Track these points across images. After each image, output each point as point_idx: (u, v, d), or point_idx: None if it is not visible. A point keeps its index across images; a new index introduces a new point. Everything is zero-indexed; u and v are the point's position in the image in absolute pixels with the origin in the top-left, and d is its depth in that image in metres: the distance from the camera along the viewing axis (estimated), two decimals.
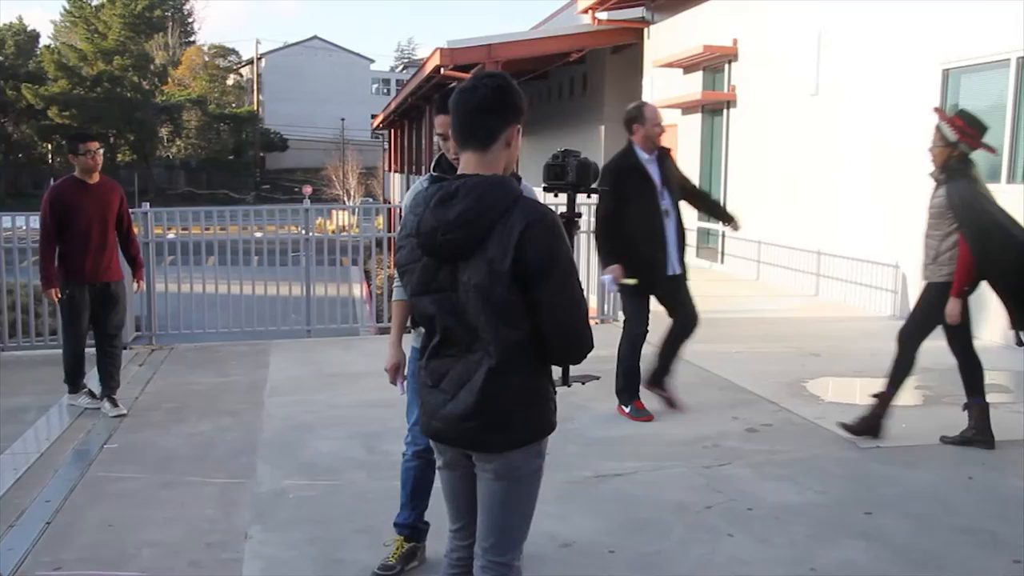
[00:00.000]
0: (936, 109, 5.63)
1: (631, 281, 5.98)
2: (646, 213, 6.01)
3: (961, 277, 5.33)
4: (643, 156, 6.05)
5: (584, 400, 6.48)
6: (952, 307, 5.38)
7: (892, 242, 10.39)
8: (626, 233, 6.02)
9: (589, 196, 3.69)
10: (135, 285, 6.85)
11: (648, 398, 6.31)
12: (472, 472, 2.67)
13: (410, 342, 3.75)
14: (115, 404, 6.45)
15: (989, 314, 8.69)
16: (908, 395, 6.96)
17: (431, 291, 2.53)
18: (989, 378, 7.58)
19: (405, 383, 3.76)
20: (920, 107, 9.89)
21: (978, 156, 10.00)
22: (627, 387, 6.29)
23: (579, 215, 3.04)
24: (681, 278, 6.24)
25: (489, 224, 2.41)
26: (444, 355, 2.58)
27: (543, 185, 3.84)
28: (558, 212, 2.72)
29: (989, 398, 5.72)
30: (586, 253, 9.82)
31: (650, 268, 6.03)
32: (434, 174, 3.49)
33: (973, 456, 5.44)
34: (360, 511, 4.62)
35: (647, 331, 6.24)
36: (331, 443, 5.72)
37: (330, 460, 5.41)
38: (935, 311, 5.47)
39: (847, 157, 11.42)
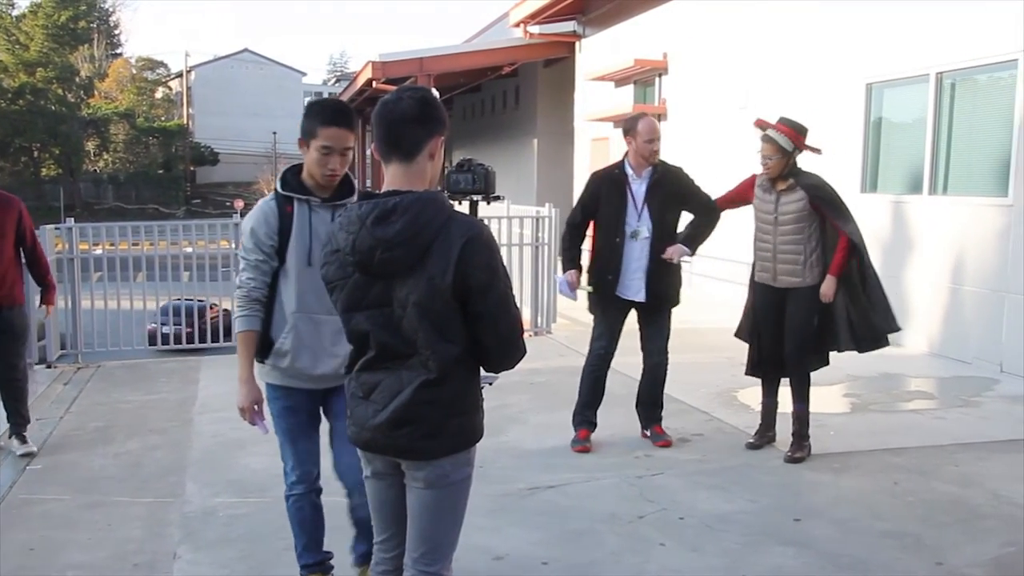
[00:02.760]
0: (758, 121, 5.60)
1: (587, 288, 5.85)
2: (608, 230, 5.74)
3: (846, 255, 5.41)
4: (629, 171, 5.78)
5: (518, 412, 6.49)
6: (829, 285, 5.43)
7: None
8: (592, 244, 5.86)
9: (489, 203, 3.67)
10: (44, 309, 6.31)
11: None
12: (401, 482, 2.67)
13: (263, 377, 3.56)
14: (23, 441, 5.91)
15: (913, 322, 8.93)
16: (837, 403, 7.10)
17: (363, 307, 2.53)
18: (914, 385, 7.80)
19: (267, 422, 3.53)
20: (845, 120, 10.14)
21: (898, 168, 10.32)
22: (578, 407, 6.01)
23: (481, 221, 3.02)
24: (647, 307, 5.82)
25: (428, 241, 2.42)
26: (378, 368, 2.57)
27: (446, 193, 3.73)
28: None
29: (915, 405, 5.87)
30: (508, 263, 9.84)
31: (599, 286, 5.80)
32: (282, 192, 3.48)
33: (899, 462, 5.56)
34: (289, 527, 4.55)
35: (607, 350, 5.89)
36: (261, 459, 5.63)
37: (261, 477, 5.33)
38: (812, 315, 5.53)
39: None
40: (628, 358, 6.22)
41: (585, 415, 5.94)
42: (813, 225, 5.46)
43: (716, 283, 12.78)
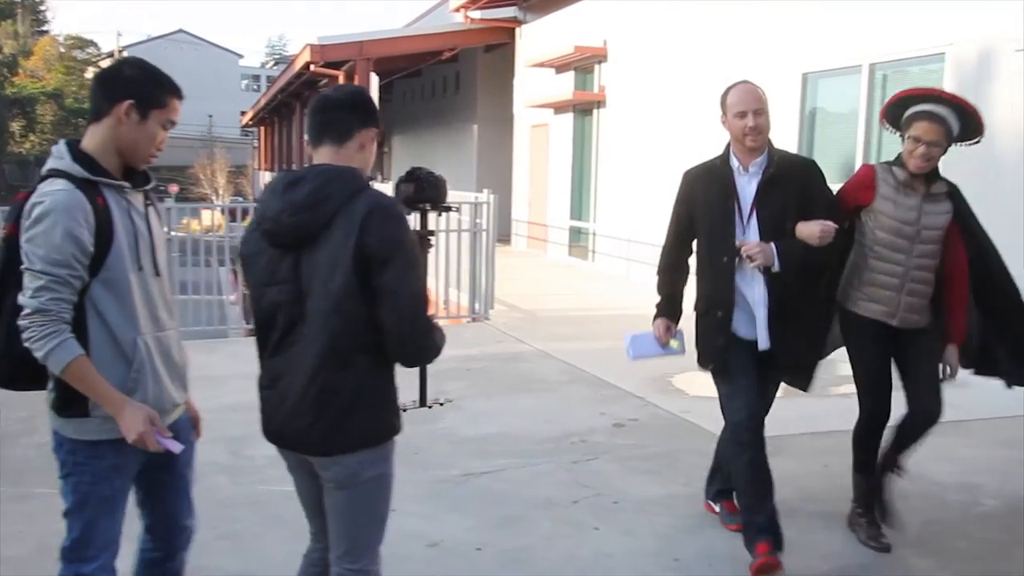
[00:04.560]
0: (917, 90, 4.13)
1: (673, 344, 4.26)
2: (711, 248, 4.02)
3: (965, 289, 4.13)
4: (734, 163, 3.98)
5: (454, 399, 6.46)
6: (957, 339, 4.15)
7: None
8: (691, 274, 4.24)
9: (440, 214, 3.36)
10: None
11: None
12: (315, 478, 2.62)
13: (79, 434, 2.66)
14: None
15: None
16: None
17: (276, 282, 2.51)
18: (844, 370, 7.92)
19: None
20: (782, 109, 10.26)
21: (833, 155, 10.48)
22: (719, 479, 4.60)
23: (432, 232, 2.94)
24: (772, 362, 4.01)
25: (334, 208, 2.42)
26: (283, 352, 2.53)
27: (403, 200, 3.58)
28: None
29: (844, 389, 5.94)
30: (444, 272, 9.76)
31: (703, 330, 4.11)
32: (91, 177, 2.69)
33: (829, 445, 5.65)
34: (223, 517, 4.48)
35: (749, 414, 3.96)
36: None
37: None
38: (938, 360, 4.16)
39: (712, 156, 11.71)
40: (569, 344, 6.24)
41: (755, 520, 3.92)
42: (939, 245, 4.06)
43: (649, 269, 12.86)
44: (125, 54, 64.69)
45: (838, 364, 7.59)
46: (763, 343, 3.94)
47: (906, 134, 3.97)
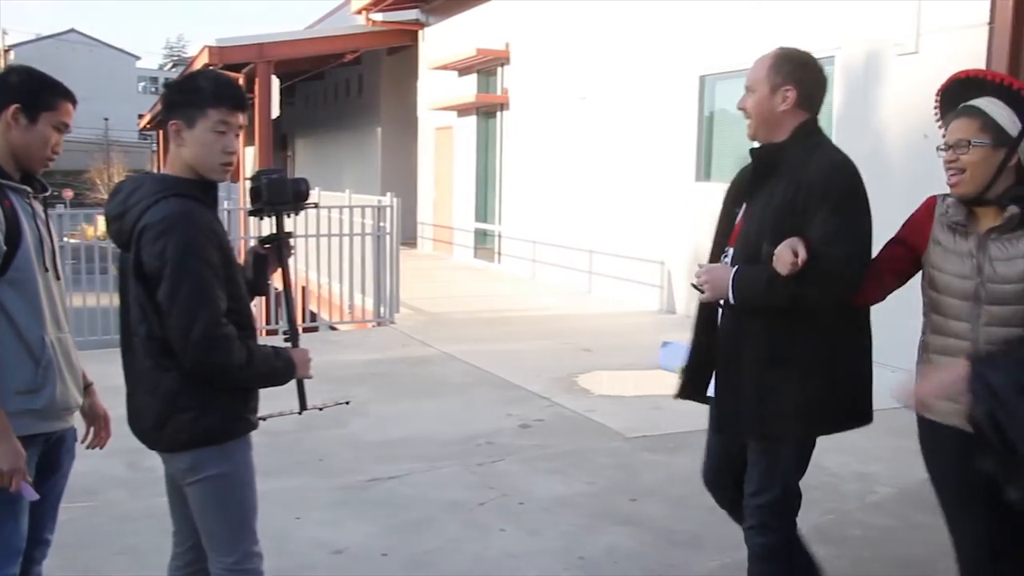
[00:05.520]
0: (959, 75, 2.76)
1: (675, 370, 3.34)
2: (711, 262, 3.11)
3: None
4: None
5: (359, 404, 6.42)
6: None
7: (658, 240, 10.90)
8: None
9: (280, 218, 3.09)
10: None
11: None
12: (170, 474, 2.74)
13: None
14: None
15: None
16: (671, 385, 7.32)
17: (121, 286, 2.62)
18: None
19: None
20: (681, 111, 10.46)
21: (730, 156, 10.72)
22: None
23: (289, 234, 2.86)
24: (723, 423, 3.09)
25: (135, 219, 2.48)
26: (125, 354, 2.66)
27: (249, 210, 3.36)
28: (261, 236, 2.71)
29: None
30: (348, 276, 9.77)
31: (690, 363, 3.20)
32: None
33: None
34: (121, 531, 4.38)
35: (703, 475, 3.36)
36: (89, 462, 5.34)
37: (88, 480, 5.06)
38: None
39: (615, 158, 11.89)
40: (476, 346, 6.24)
41: None
42: None
43: (555, 270, 12.97)
44: (11, 54, 62.56)
45: None
46: (710, 388, 3.09)
47: None
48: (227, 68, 18.73)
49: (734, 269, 2.84)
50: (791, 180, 2.80)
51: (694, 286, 2.95)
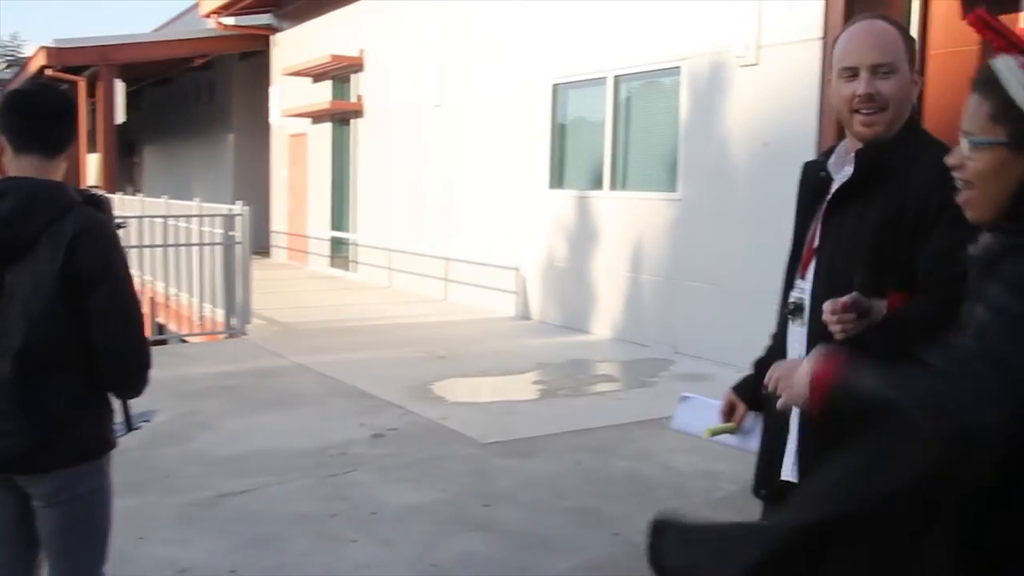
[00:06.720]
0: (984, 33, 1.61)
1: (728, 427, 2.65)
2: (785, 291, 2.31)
3: None
4: (834, 159, 2.25)
5: (207, 418, 6.24)
6: None
7: (513, 247, 11.00)
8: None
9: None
10: None
11: None
12: (16, 502, 2.47)
13: None
14: None
15: (598, 310, 9.52)
16: (526, 390, 7.40)
17: None
18: (599, 369, 8.28)
19: None
20: (535, 119, 10.59)
21: (582, 165, 10.95)
22: None
23: (120, 225, 2.77)
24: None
25: (39, 227, 2.31)
26: None
27: None
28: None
29: (599, 388, 6.18)
30: (197, 287, 9.47)
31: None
32: None
33: (583, 443, 5.87)
34: None
35: None
36: None
37: None
38: None
39: (469, 166, 11.94)
40: (328, 356, 6.15)
41: None
42: None
43: (411, 277, 12.93)
44: None
45: (594, 364, 7.89)
46: (787, 471, 2.32)
47: None
48: (65, 70, 18.03)
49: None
50: (895, 187, 2.06)
51: (765, 393, 2.05)
